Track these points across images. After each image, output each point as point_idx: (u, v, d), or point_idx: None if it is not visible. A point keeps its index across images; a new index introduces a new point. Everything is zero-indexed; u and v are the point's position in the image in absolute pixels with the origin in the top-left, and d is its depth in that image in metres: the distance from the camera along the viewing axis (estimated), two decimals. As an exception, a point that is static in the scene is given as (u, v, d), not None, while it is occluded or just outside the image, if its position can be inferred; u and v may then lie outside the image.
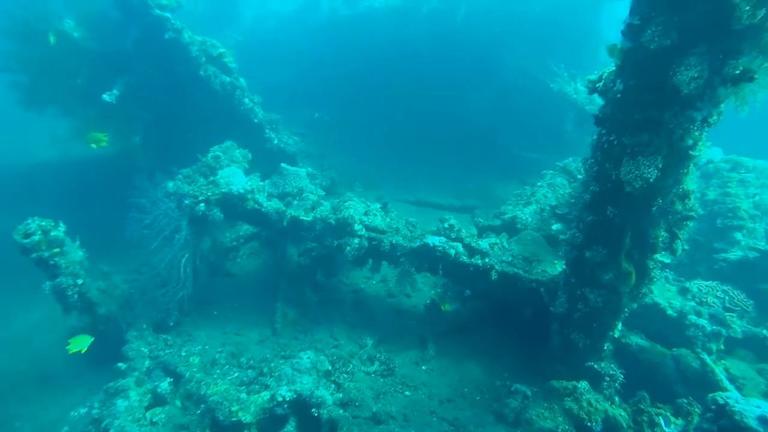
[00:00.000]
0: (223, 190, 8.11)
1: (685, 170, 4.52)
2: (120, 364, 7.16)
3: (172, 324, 8.14)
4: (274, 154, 12.15)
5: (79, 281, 7.25)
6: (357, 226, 7.94)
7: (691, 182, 4.76)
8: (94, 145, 8.70)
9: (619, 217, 4.88)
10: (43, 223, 6.93)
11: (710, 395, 4.57)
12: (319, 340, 8.13)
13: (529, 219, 9.32)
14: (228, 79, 11.08)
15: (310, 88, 17.90)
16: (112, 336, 7.78)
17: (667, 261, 7.24)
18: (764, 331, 6.66)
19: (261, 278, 9.73)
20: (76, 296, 7.22)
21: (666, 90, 4.04)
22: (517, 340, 7.84)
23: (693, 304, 6.91)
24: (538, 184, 10.51)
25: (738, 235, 8.30)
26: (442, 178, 14.73)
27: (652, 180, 4.33)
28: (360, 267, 8.57)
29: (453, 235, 7.88)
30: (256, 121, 11.77)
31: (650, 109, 4.14)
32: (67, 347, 6.74)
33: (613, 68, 4.59)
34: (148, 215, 7.68)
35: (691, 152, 4.29)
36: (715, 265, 8.05)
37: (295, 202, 8.92)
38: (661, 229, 4.96)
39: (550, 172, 10.84)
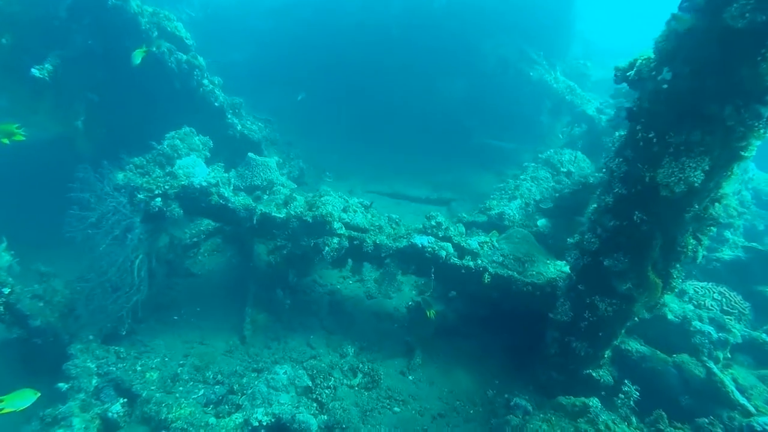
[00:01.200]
0: (183, 183, 7.19)
1: (729, 173, 4.07)
2: (61, 385, 6.13)
3: (125, 333, 7.12)
4: (237, 142, 11.09)
5: (6, 290, 6.16)
6: (336, 224, 7.24)
7: (729, 185, 4.34)
8: (6, 140, 6.68)
9: (647, 223, 4.37)
10: (-43, 224, 5.79)
11: (745, 421, 4.21)
12: (294, 348, 7.41)
13: (516, 215, 8.89)
14: (185, 57, 9.87)
15: (273, 70, 16.69)
16: (50, 350, 6.70)
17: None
18: (763, 335, 6.50)
19: (226, 278, 8.85)
20: (1, 308, 6.12)
21: (734, 79, 3.45)
22: (506, 344, 7.46)
23: (691, 307, 6.65)
24: (521, 177, 10.10)
25: (727, 233, 8.19)
26: (416, 167, 14.08)
27: (697, 184, 3.84)
28: (339, 268, 7.84)
29: (441, 234, 7.31)
30: (216, 104, 10.65)
31: (708, 102, 3.61)
32: None
33: (651, 55, 4.04)
34: (93, 212, 6.58)
35: (742, 153, 3.82)
36: (709, 266, 7.90)
37: (265, 197, 8.07)
38: (690, 236, 4.54)
39: (532, 164, 10.45)
